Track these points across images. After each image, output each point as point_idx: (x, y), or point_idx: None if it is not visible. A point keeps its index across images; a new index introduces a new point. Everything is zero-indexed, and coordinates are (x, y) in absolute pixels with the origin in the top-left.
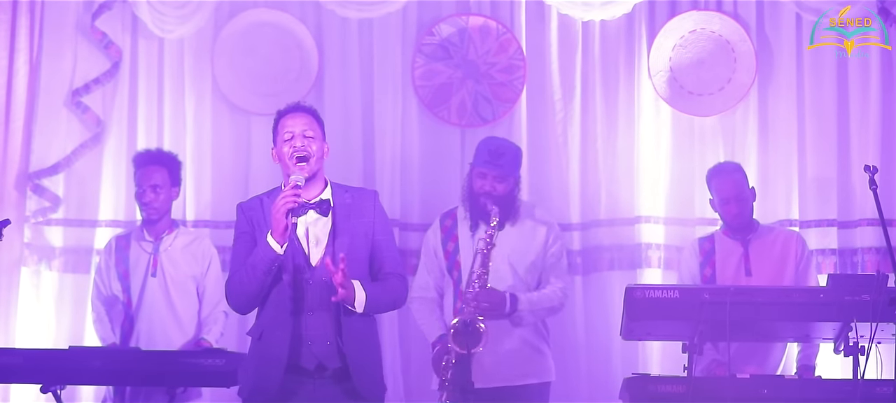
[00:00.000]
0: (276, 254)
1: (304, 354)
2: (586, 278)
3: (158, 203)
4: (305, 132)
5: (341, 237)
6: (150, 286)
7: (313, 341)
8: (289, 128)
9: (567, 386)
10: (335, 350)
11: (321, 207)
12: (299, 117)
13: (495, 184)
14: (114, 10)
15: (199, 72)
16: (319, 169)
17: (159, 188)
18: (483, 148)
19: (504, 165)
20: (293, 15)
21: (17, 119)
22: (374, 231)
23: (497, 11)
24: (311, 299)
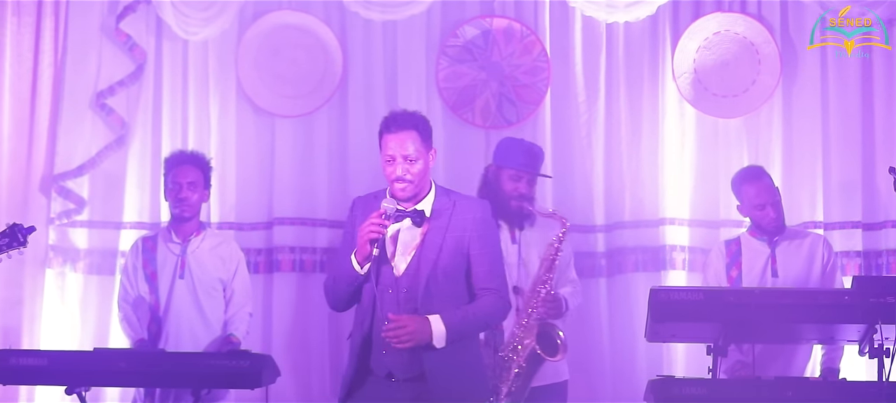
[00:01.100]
0: (358, 274)
1: (375, 360)
2: (611, 280)
3: (193, 200)
4: (406, 153)
5: (428, 248)
6: (177, 288)
7: (388, 350)
8: (390, 149)
9: (591, 388)
10: (411, 359)
11: (416, 217)
12: (398, 135)
13: (528, 187)
14: (138, 12)
15: (224, 74)
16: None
17: (194, 185)
18: (517, 150)
19: (538, 167)
20: (317, 17)
21: (42, 121)
22: (470, 243)
23: (521, 13)
24: (390, 307)
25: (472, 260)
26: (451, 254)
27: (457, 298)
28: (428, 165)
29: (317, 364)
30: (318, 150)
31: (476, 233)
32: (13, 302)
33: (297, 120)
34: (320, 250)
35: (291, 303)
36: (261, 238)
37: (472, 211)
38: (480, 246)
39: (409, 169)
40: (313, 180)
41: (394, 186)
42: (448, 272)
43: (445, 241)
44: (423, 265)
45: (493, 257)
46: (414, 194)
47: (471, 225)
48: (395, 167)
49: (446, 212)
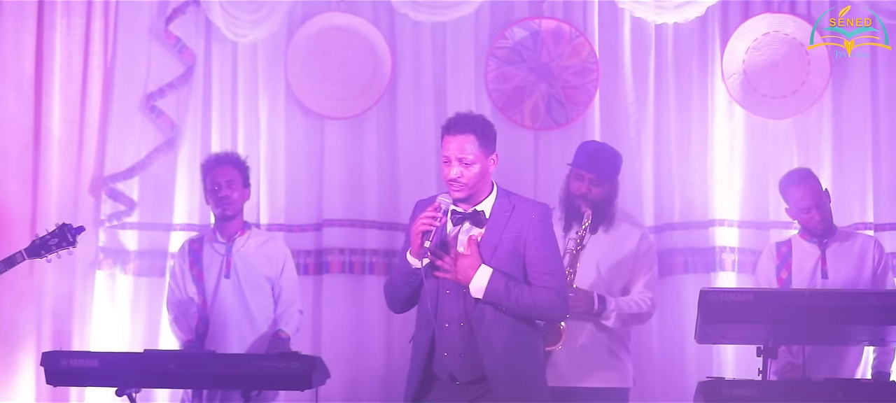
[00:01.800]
0: (415, 269)
1: (437, 363)
2: (660, 281)
3: (234, 198)
4: (462, 156)
5: (484, 249)
6: (223, 287)
7: (448, 351)
8: (447, 150)
9: (641, 390)
10: (471, 361)
11: (475, 218)
12: (457, 138)
13: (591, 187)
14: (187, 14)
15: (273, 76)
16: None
17: (234, 183)
18: (582, 150)
19: (600, 169)
20: (366, 19)
21: (92, 123)
22: (527, 245)
23: (570, 14)
24: (451, 309)
25: (528, 260)
26: (506, 256)
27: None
28: (487, 169)
29: (366, 365)
30: (368, 152)
31: (532, 234)
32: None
33: (347, 121)
34: (369, 252)
35: (341, 305)
36: (310, 239)
37: (530, 213)
38: (537, 247)
39: (464, 171)
40: (362, 182)
41: (449, 187)
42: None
43: (501, 242)
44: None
45: (550, 258)
46: (468, 196)
47: (527, 226)
48: (450, 168)
49: (505, 214)
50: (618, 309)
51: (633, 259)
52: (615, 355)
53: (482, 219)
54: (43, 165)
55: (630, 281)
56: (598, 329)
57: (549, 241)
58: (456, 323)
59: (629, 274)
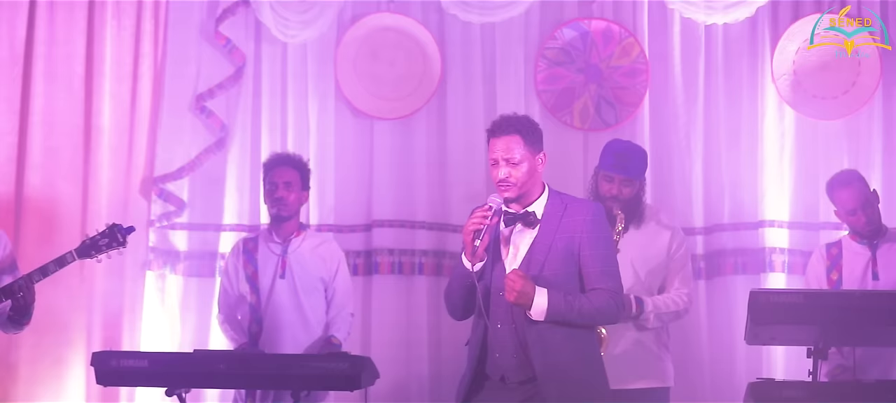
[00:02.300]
0: (469, 271)
1: (490, 364)
2: (710, 282)
3: (291, 200)
4: (509, 156)
5: (537, 250)
6: (278, 287)
7: (500, 352)
8: (494, 152)
9: (691, 391)
10: (522, 362)
11: (527, 219)
12: (503, 140)
13: (622, 188)
14: (237, 15)
15: (322, 76)
16: (528, 183)
17: (291, 186)
18: (609, 151)
19: (630, 169)
20: (416, 19)
21: (142, 124)
22: (581, 245)
23: (619, 15)
24: (503, 310)
25: (583, 261)
26: (560, 257)
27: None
28: (535, 169)
29: (416, 366)
30: (417, 153)
31: (586, 235)
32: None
33: (396, 122)
34: (419, 252)
35: (390, 306)
36: (360, 240)
37: (583, 213)
38: (591, 248)
39: (512, 171)
40: (412, 183)
41: (498, 188)
42: (556, 274)
43: (554, 243)
44: (531, 267)
45: (604, 258)
46: (518, 195)
47: (581, 226)
48: (498, 169)
49: (557, 215)
50: (655, 308)
51: (667, 256)
52: (655, 355)
53: (534, 220)
54: (93, 166)
55: (665, 279)
56: (637, 330)
57: (604, 240)
58: (507, 324)
59: (664, 272)
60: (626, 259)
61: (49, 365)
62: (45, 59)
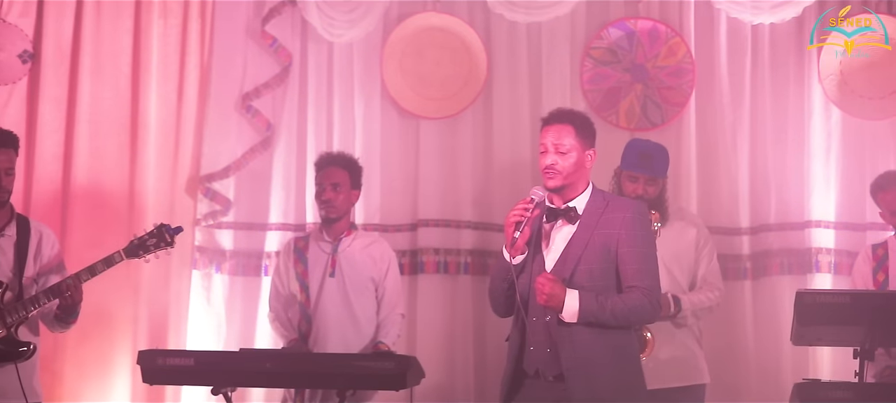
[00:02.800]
0: (509, 264)
1: (526, 359)
2: (756, 282)
3: (338, 202)
4: (558, 143)
5: (574, 246)
6: (327, 286)
7: (535, 346)
8: (544, 138)
9: (736, 391)
10: (554, 357)
11: (568, 215)
12: (554, 127)
13: (646, 187)
14: (283, 14)
15: (368, 76)
16: (573, 175)
17: (339, 187)
18: (632, 150)
19: (654, 168)
20: (462, 18)
21: (188, 123)
22: (619, 243)
23: (666, 14)
24: (538, 305)
25: (620, 259)
26: (597, 254)
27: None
28: (582, 163)
29: (461, 365)
30: (463, 152)
31: (624, 233)
32: (160, 303)
33: (442, 122)
34: (465, 252)
35: (436, 305)
36: (405, 239)
37: (623, 211)
38: (629, 246)
39: (559, 160)
40: (458, 182)
41: (543, 175)
42: (592, 271)
43: (592, 240)
44: (568, 263)
45: (642, 257)
46: (562, 185)
47: (620, 224)
48: (546, 156)
49: (597, 212)
50: (692, 305)
51: (695, 252)
52: (692, 353)
53: (574, 216)
54: (140, 164)
55: (696, 274)
56: (675, 327)
57: (642, 240)
58: (541, 319)
59: (694, 267)
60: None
61: (95, 364)
62: (92, 58)
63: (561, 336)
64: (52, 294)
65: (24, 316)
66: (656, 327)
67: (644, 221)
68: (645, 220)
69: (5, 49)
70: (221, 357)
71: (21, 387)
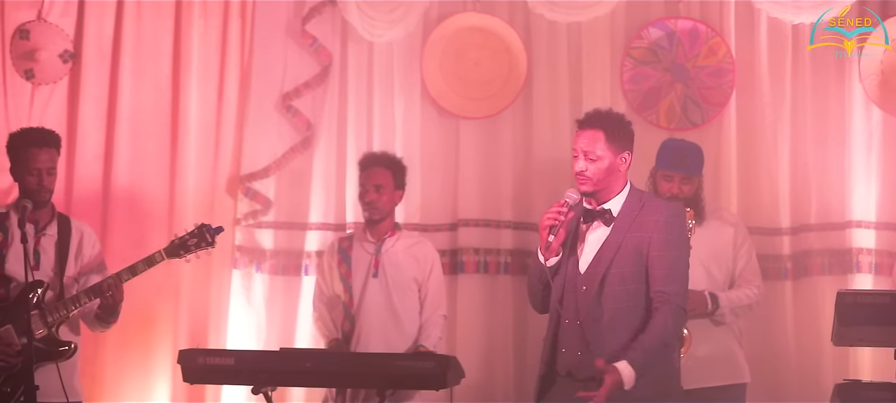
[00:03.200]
0: (543, 265)
1: (559, 360)
2: (796, 283)
3: (381, 203)
4: (588, 150)
5: (608, 248)
6: (371, 287)
7: (567, 348)
8: (576, 143)
9: (776, 390)
10: (586, 358)
11: (604, 217)
12: (586, 133)
13: (682, 186)
14: (324, 14)
15: (408, 76)
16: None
17: (382, 188)
18: (666, 150)
19: (689, 166)
20: (502, 18)
21: (229, 123)
22: (650, 246)
23: (706, 14)
24: (571, 306)
25: (650, 262)
26: (629, 256)
27: (631, 300)
28: (615, 167)
29: (501, 365)
30: (503, 152)
31: (657, 236)
32: (200, 303)
33: (482, 122)
34: (505, 252)
35: (476, 305)
36: (445, 239)
37: (657, 214)
38: (660, 249)
39: (590, 166)
40: (498, 182)
41: (576, 180)
42: (624, 273)
43: (625, 242)
44: (600, 265)
45: (672, 260)
46: (594, 190)
47: (653, 227)
48: (577, 161)
49: (632, 214)
50: (730, 303)
51: (733, 251)
52: (732, 351)
53: (610, 218)
54: (180, 164)
55: (734, 272)
56: (713, 325)
57: (675, 243)
58: (574, 321)
59: (732, 267)
60: (695, 257)
61: (135, 363)
62: (133, 58)
63: (593, 339)
64: (93, 293)
65: (65, 316)
66: (693, 324)
67: (678, 224)
68: (679, 223)
69: (46, 49)
70: (261, 357)
71: (62, 386)
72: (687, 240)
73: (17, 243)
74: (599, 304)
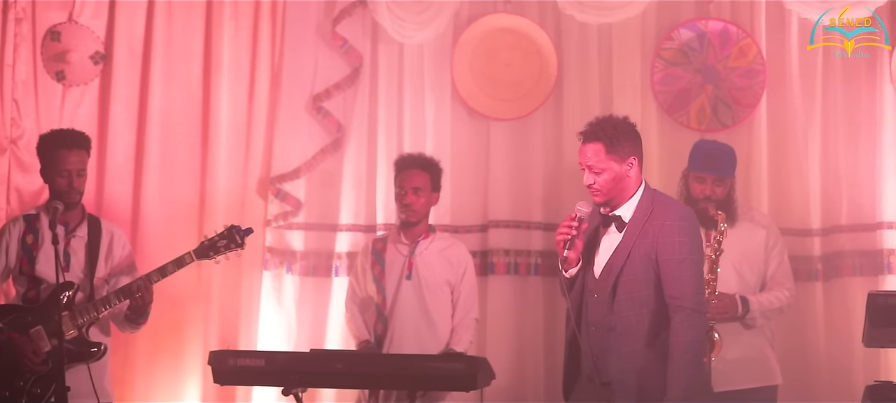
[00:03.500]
0: (564, 278)
1: (582, 362)
2: (827, 284)
3: (418, 205)
4: (591, 164)
5: (619, 253)
6: (404, 289)
7: (584, 353)
8: (581, 159)
9: (808, 392)
10: (602, 366)
11: (616, 222)
12: (588, 147)
13: (714, 188)
14: (354, 15)
15: (439, 77)
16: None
17: (420, 190)
18: (699, 152)
19: (722, 168)
20: (532, 20)
21: (259, 124)
22: (658, 249)
23: (737, 15)
24: (589, 313)
25: (660, 267)
26: (639, 260)
27: (643, 306)
28: (622, 174)
29: (531, 366)
30: (534, 153)
31: (664, 239)
32: (230, 304)
33: (512, 123)
34: (535, 253)
35: (506, 306)
36: (476, 240)
37: (664, 217)
38: (667, 253)
39: (596, 179)
40: (528, 183)
41: (590, 193)
42: (635, 277)
43: (635, 247)
44: (611, 272)
45: (679, 263)
46: (605, 201)
47: (660, 230)
48: (586, 177)
49: (642, 218)
50: (760, 306)
51: (765, 253)
52: (763, 353)
53: (621, 224)
54: (210, 165)
55: (765, 275)
56: (744, 328)
57: (683, 245)
58: (589, 327)
59: (764, 269)
60: (726, 259)
61: (166, 364)
62: (164, 59)
63: (606, 346)
64: (123, 295)
65: (95, 317)
66: (724, 328)
67: (687, 226)
68: (689, 225)
69: (77, 50)
70: (292, 358)
71: (93, 387)
72: (698, 242)
73: (48, 244)
74: (612, 311)
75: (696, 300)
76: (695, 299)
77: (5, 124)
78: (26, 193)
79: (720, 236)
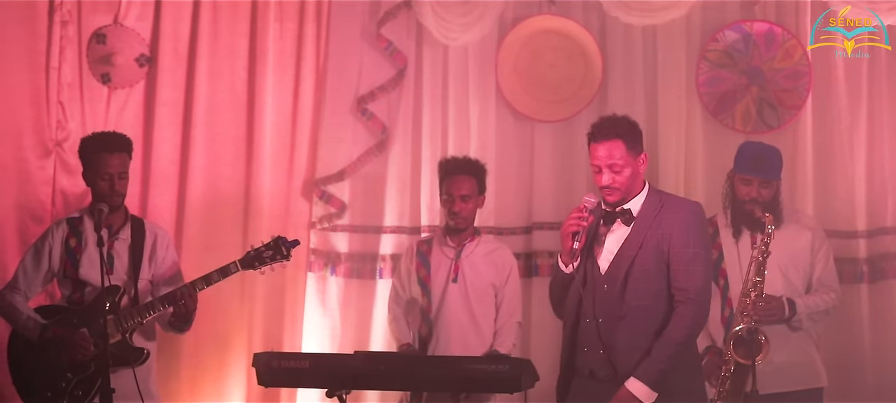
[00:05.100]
0: (564, 272)
1: (579, 359)
2: (873, 286)
3: (467, 212)
4: (611, 163)
5: (629, 247)
6: (450, 292)
7: (589, 348)
8: (595, 158)
9: (853, 394)
10: (608, 359)
11: (625, 216)
12: (604, 145)
13: (761, 190)
14: (398, 18)
15: (483, 78)
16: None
17: (468, 198)
18: (745, 154)
19: (768, 170)
20: (577, 21)
21: (304, 126)
22: (670, 243)
23: (782, 16)
24: (591, 306)
25: (670, 259)
26: (650, 254)
27: (654, 297)
28: (636, 170)
29: None
30: (578, 155)
31: (676, 233)
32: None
33: (557, 125)
34: None
35: (550, 308)
36: (520, 242)
37: (676, 212)
38: (679, 246)
39: (616, 178)
40: (572, 185)
41: (602, 193)
42: (646, 271)
43: (646, 241)
44: (622, 263)
45: (692, 257)
46: (621, 200)
47: (673, 224)
48: (601, 176)
49: (652, 213)
50: (807, 309)
51: (811, 255)
52: (809, 356)
53: (630, 218)
54: (255, 167)
55: (812, 277)
56: (790, 331)
57: (695, 240)
58: (595, 320)
59: (809, 270)
60: (773, 261)
61: (211, 366)
62: (209, 61)
63: (614, 338)
64: (167, 301)
65: (139, 322)
66: (771, 330)
67: (698, 222)
68: (699, 221)
69: (123, 53)
70: (336, 360)
71: (138, 390)
72: (708, 238)
73: (91, 247)
74: (623, 301)
75: (704, 295)
76: (702, 293)
77: (51, 127)
78: (72, 195)
79: (768, 238)
